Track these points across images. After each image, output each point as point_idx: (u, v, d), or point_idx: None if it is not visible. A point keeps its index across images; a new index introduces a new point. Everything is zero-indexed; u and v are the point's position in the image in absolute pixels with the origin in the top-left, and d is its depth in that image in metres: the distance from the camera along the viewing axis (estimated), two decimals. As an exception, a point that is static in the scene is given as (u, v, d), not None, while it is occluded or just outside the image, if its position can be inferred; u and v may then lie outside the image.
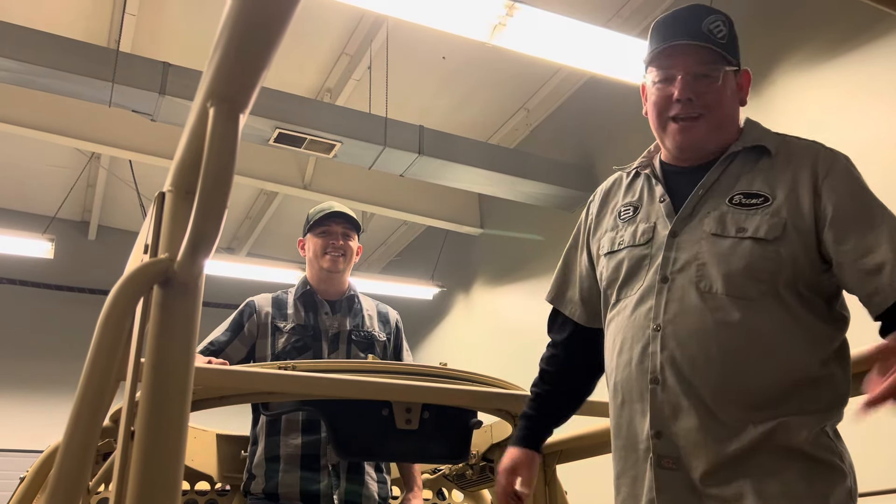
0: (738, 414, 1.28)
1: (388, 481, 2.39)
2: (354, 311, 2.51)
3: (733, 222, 1.34)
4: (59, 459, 0.72)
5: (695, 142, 1.42)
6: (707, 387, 1.30)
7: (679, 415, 1.31)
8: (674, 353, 1.32)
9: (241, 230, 8.80)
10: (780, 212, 1.32)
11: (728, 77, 1.43)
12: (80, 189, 7.99)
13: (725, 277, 1.31)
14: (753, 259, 1.31)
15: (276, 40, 0.62)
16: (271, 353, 2.38)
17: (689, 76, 1.40)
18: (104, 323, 0.75)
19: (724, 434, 1.28)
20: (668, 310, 1.35)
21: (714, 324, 1.30)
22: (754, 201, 1.35)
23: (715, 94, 1.41)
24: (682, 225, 1.39)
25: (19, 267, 8.06)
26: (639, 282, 1.41)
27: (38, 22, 4.93)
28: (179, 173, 0.80)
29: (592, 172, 6.07)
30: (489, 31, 3.96)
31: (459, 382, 1.79)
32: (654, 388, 1.34)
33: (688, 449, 1.30)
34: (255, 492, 2.24)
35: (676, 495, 1.31)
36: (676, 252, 1.37)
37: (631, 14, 5.43)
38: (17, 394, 8.11)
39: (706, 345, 1.30)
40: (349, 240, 2.53)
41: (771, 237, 1.31)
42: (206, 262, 0.74)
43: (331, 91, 6.37)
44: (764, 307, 1.30)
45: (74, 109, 5.78)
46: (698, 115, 1.40)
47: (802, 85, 4.37)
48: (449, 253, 8.13)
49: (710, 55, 1.41)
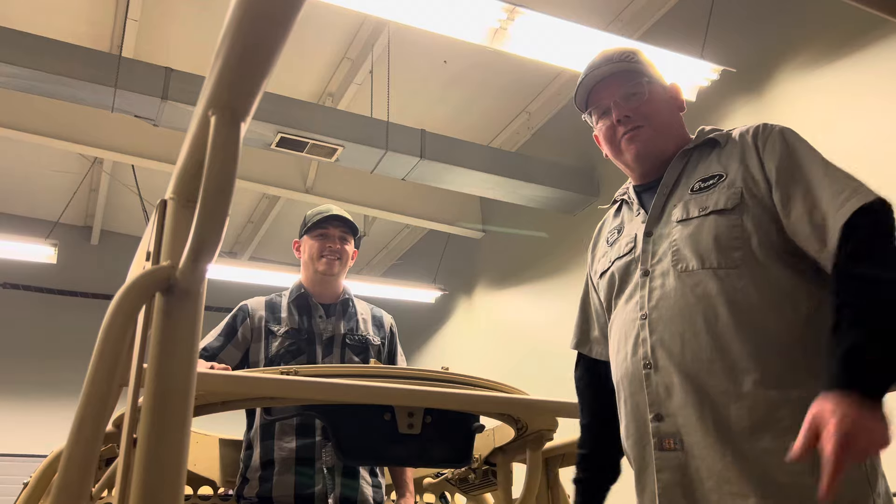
0: (727, 386, 1.29)
1: (382, 485, 2.38)
2: (349, 314, 2.49)
3: (696, 205, 1.41)
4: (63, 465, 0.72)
5: (646, 147, 1.51)
6: (696, 361, 1.32)
7: (673, 393, 1.34)
8: (662, 335, 1.36)
9: (244, 234, 8.81)
10: (735, 182, 1.39)
11: (655, 89, 1.54)
12: (82, 194, 8.01)
13: (698, 253, 1.37)
14: (720, 230, 1.36)
15: (277, 49, 0.62)
16: (265, 356, 2.36)
17: (619, 99, 1.52)
18: (106, 330, 0.75)
19: (715, 409, 1.29)
20: (652, 297, 1.40)
21: (695, 298, 1.34)
22: (711, 181, 1.43)
23: (647, 105, 1.52)
24: (654, 224, 1.47)
25: (23, 272, 8.08)
26: (628, 285, 1.48)
27: (40, 28, 4.94)
28: (181, 181, 0.81)
29: (593, 175, 6.08)
30: (490, 35, 3.97)
31: (462, 387, 1.79)
32: (649, 373, 1.37)
33: (687, 427, 1.31)
34: (248, 496, 2.23)
35: (674, 476, 1.32)
36: (653, 247, 1.45)
37: (631, 18, 5.44)
38: (20, 399, 8.12)
39: (691, 319, 1.34)
40: (346, 243, 2.52)
41: (731, 206, 1.37)
42: (207, 268, 0.75)
43: (332, 95, 6.38)
44: (744, 274, 1.33)
45: (77, 115, 5.79)
46: (640, 126, 1.51)
47: (805, 87, 4.37)
48: (451, 256, 8.13)
49: (629, 75, 1.53)
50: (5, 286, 8.38)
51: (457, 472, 2.51)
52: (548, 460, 2.24)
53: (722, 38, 4.73)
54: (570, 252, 6.24)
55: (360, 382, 1.68)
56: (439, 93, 6.45)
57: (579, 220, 6.22)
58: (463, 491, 2.66)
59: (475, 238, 7.69)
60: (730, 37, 4.78)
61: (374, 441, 1.82)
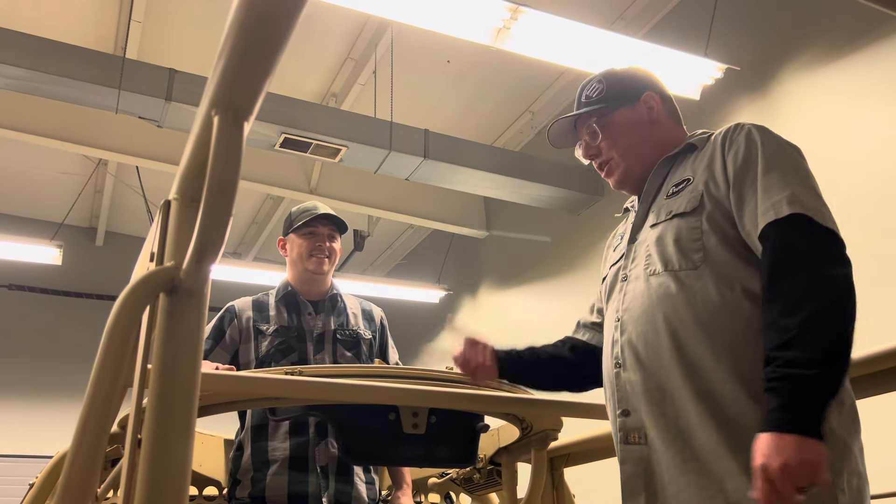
0: (684, 382, 1.32)
1: (376, 482, 2.37)
2: (338, 310, 2.47)
3: (665, 209, 1.47)
4: (68, 466, 0.72)
5: (619, 175, 1.62)
6: (657, 359, 1.37)
7: (636, 390, 1.39)
8: (630, 335, 1.42)
9: (248, 235, 8.82)
10: (698, 186, 1.44)
11: (615, 118, 1.61)
12: (87, 195, 8.03)
13: (662, 256, 1.42)
14: (681, 233, 1.41)
15: (280, 49, 0.62)
16: (255, 356, 2.34)
17: (584, 142, 1.66)
18: (111, 331, 0.75)
19: (676, 408, 1.33)
20: (626, 300, 1.47)
21: (657, 298, 1.40)
22: (681, 186, 1.48)
23: (607, 140, 1.61)
24: (637, 230, 1.54)
25: (28, 273, 8.10)
26: (614, 290, 1.54)
27: (44, 29, 4.96)
28: (185, 181, 0.81)
29: (597, 175, 6.06)
30: (493, 34, 3.96)
31: (466, 386, 1.79)
32: (618, 371, 1.44)
33: (648, 422, 1.37)
34: (240, 496, 2.22)
35: (636, 468, 1.38)
36: (634, 252, 1.51)
37: (635, 16, 5.43)
38: (25, 400, 8.14)
39: (653, 318, 1.39)
40: (334, 241, 2.51)
41: (690, 208, 1.41)
42: (211, 269, 0.75)
43: (336, 96, 6.39)
44: (703, 274, 1.36)
45: (81, 116, 5.81)
46: (608, 161, 1.63)
47: (809, 84, 4.36)
48: (455, 256, 8.13)
49: (586, 118, 1.64)
50: (10, 287, 8.40)
51: (461, 472, 2.50)
52: (552, 460, 2.24)
53: (726, 37, 4.72)
54: (574, 252, 6.23)
55: (365, 382, 1.68)
56: (442, 92, 6.45)
57: (583, 220, 6.21)
58: (467, 491, 2.66)
59: (479, 238, 7.69)
60: (733, 35, 4.77)
61: (379, 441, 1.82)
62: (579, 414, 1.82)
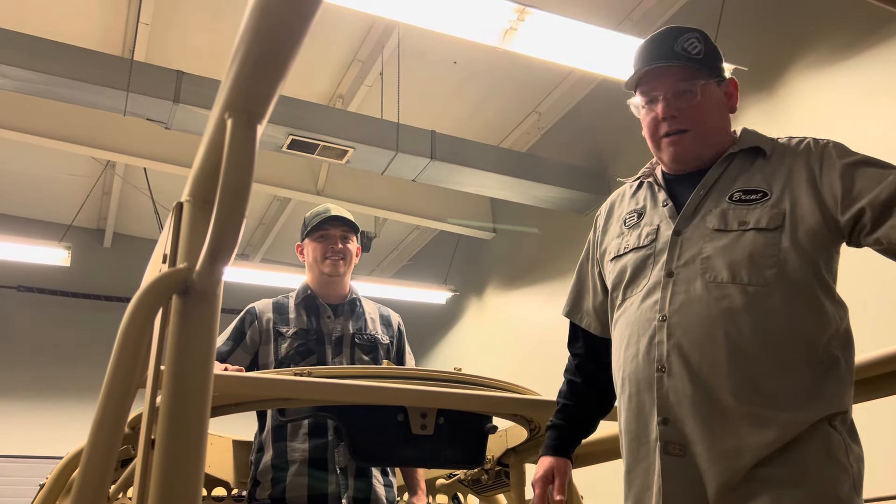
0: (738, 403, 1.29)
1: (394, 485, 2.39)
2: (357, 314, 2.49)
3: (735, 217, 1.39)
4: (83, 466, 0.73)
5: (686, 153, 1.49)
6: (712, 374, 1.32)
7: (684, 401, 1.34)
8: (680, 340, 1.36)
9: (255, 236, 8.84)
10: (780, 204, 1.38)
11: (709, 89, 1.48)
12: (95, 197, 8.06)
13: (730, 267, 1.36)
14: (756, 248, 1.35)
15: (293, 53, 0.62)
16: (274, 358, 2.36)
17: (669, 95, 1.48)
18: (125, 332, 0.76)
19: (725, 426, 1.30)
20: (674, 301, 1.39)
21: (719, 311, 1.34)
22: (753, 197, 1.40)
23: (696, 108, 1.47)
24: (685, 224, 1.45)
25: (37, 275, 8.13)
26: (644, 280, 1.46)
27: (52, 32, 4.98)
28: (197, 183, 0.81)
29: (605, 175, 6.06)
30: (500, 35, 3.96)
31: (474, 387, 1.80)
32: (661, 377, 1.37)
33: (693, 436, 1.32)
34: (260, 497, 2.24)
35: (681, 483, 1.33)
36: (681, 249, 1.43)
37: (642, 17, 5.43)
38: (33, 400, 8.18)
39: (712, 332, 1.33)
40: (348, 242, 2.51)
41: (772, 227, 1.36)
42: (224, 270, 0.75)
43: (343, 97, 6.40)
44: (773, 292, 1.33)
45: (90, 118, 5.83)
46: (685, 130, 1.48)
47: (816, 85, 4.34)
48: (461, 257, 8.13)
49: (685, 72, 1.48)
50: (20, 289, 8.44)
51: (469, 473, 2.51)
52: (561, 461, 2.24)
53: (733, 37, 4.71)
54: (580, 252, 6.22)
55: (374, 384, 1.68)
56: (449, 94, 6.45)
57: (590, 220, 6.19)
58: (476, 492, 2.66)
59: (486, 239, 7.69)
60: (741, 35, 4.76)
61: (388, 442, 1.83)
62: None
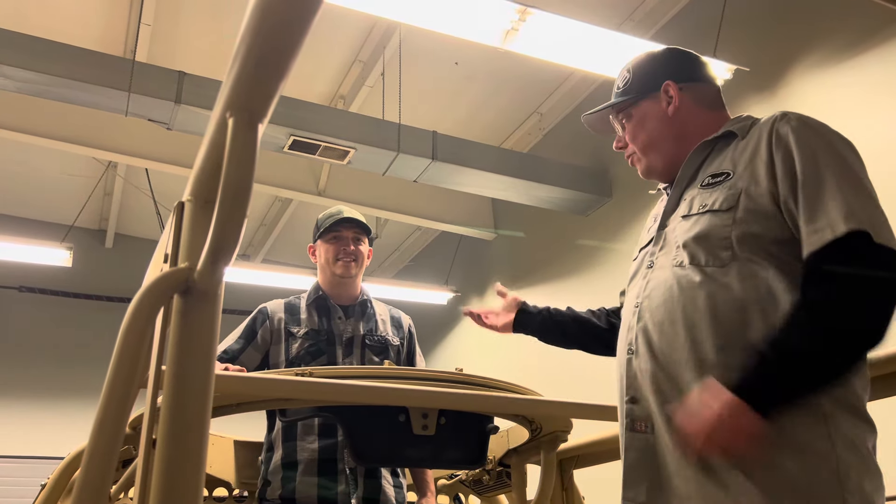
0: (693, 376, 1.31)
1: (403, 486, 2.39)
2: (368, 315, 2.51)
3: (699, 202, 1.44)
4: (84, 466, 0.73)
5: (645, 167, 1.62)
6: (670, 350, 1.36)
7: (646, 379, 1.39)
8: (647, 323, 1.42)
9: (257, 237, 8.85)
10: (738, 183, 1.40)
11: (640, 109, 1.61)
12: (97, 198, 8.07)
13: (690, 250, 1.41)
14: (710, 229, 1.39)
15: (294, 52, 0.62)
16: (285, 358, 2.37)
17: (615, 133, 1.67)
18: (126, 332, 0.75)
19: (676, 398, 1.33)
20: (647, 287, 1.46)
21: (679, 291, 1.39)
22: (719, 179, 1.45)
23: (630, 132, 1.62)
24: (667, 217, 1.52)
25: (38, 275, 8.15)
26: (637, 275, 1.54)
27: (54, 33, 4.99)
28: (199, 183, 0.81)
29: (606, 176, 6.06)
30: (502, 36, 3.96)
31: (476, 388, 1.79)
32: (630, 358, 1.44)
33: (655, 412, 1.37)
34: (270, 497, 2.24)
35: (641, 457, 1.37)
36: (662, 242, 1.50)
37: (643, 17, 5.43)
38: (35, 401, 8.19)
39: (671, 310, 1.38)
40: (360, 244, 2.53)
41: (725, 207, 1.39)
42: (225, 270, 0.75)
43: (344, 98, 6.40)
44: (729, 272, 1.35)
45: (91, 119, 5.84)
46: (631, 154, 1.64)
47: (818, 85, 4.34)
48: (463, 258, 8.13)
49: (612, 111, 1.66)
50: (21, 290, 8.45)
51: (471, 474, 2.50)
52: (562, 462, 2.24)
53: (735, 37, 4.71)
54: (583, 253, 6.22)
55: (374, 384, 1.68)
56: (451, 94, 6.45)
57: (592, 221, 6.20)
58: (477, 492, 2.66)
59: (487, 239, 7.69)
60: (743, 35, 4.76)
61: (389, 443, 1.82)
62: (589, 416, 1.82)
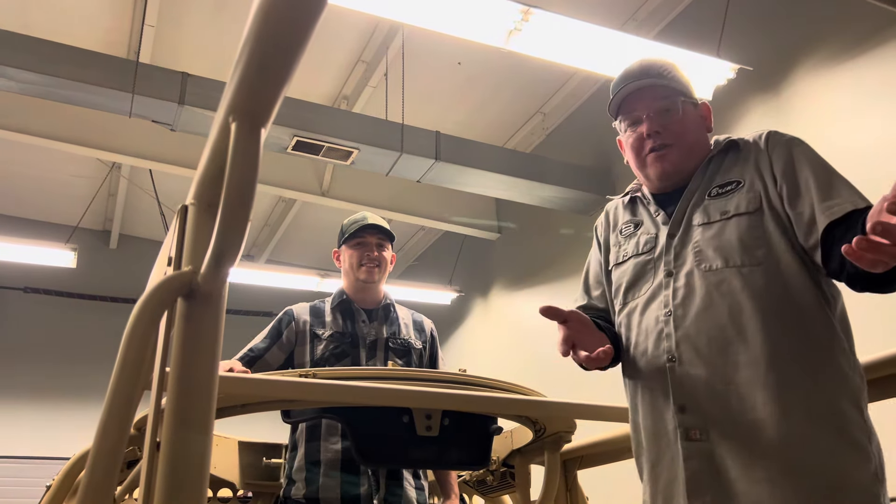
0: (751, 377, 1.32)
1: (425, 488, 2.41)
2: (391, 319, 2.55)
3: (716, 209, 1.47)
4: (90, 467, 0.73)
5: (671, 167, 1.55)
6: (722, 354, 1.36)
7: (698, 385, 1.38)
8: (688, 330, 1.41)
9: (261, 237, 8.86)
10: (754, 187, 1.45)
11: (688, 107, 1.57)
12: (101, 199, 8.09)
13: (721, 252, 1.42)
14: (742, 230, 1.42)
15: (296, 56, 0.62)
16: (310, 359, 2.42)
17: (652, 112, 1.56)
18: (130, 334, 0.76)
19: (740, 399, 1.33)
20: (677, 295, 1.45)
21: (720, 295, 1.39)
22: (729, 188, 1.48)
23: (678, 123, 1.55)
24: (676, 227, 1.52)
25: (43, 276, 8.17)
26: (646, 283, 1.52)
27: (58, 35, 5.00)
28: (202, 186, 0.81)
29: (609, 175, 6.05)
30: (505, 36, 3.96)
31: (479, 389, 1.79)
32: (672, 366, 1.42)
33: (710, 419, 1.35)
34: (295, 496, 2.26)
35: (705, 466, 1.35)
36: (677, 250, 1.49)
37: (647, 17, 5.42)
38: (39, 401, 8.21)
39: (716, 315, 1.39)
40: (383, 250, 2.57)
41: (752, 209, 1.43)
42: (229, 273, 0.75)
43: (347, 98, 6.40)
44: (767, 270, 1.38)
45: (95, 120, 5.85)
46: (670, 144, 1.55)
47: (821, 85, 4.33)
48: (466, 258, 8.13)
49: (665, 90, 1.57)
50: (26, 290, 8.47)
51: (475, 474, 2.51)
52: (566, 462, 2.24)
53: (738, 37, 4.70)
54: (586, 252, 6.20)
55: (378, 385, 1.68)
56: (454, 95, 6.45)
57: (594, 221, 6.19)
58: (481, 493, 2.66)
59: (491, 239, 7.69)
60: (746, 35, 4.75)
61: (393, 444, 1.83)
62: (593, 416, 1.82)
